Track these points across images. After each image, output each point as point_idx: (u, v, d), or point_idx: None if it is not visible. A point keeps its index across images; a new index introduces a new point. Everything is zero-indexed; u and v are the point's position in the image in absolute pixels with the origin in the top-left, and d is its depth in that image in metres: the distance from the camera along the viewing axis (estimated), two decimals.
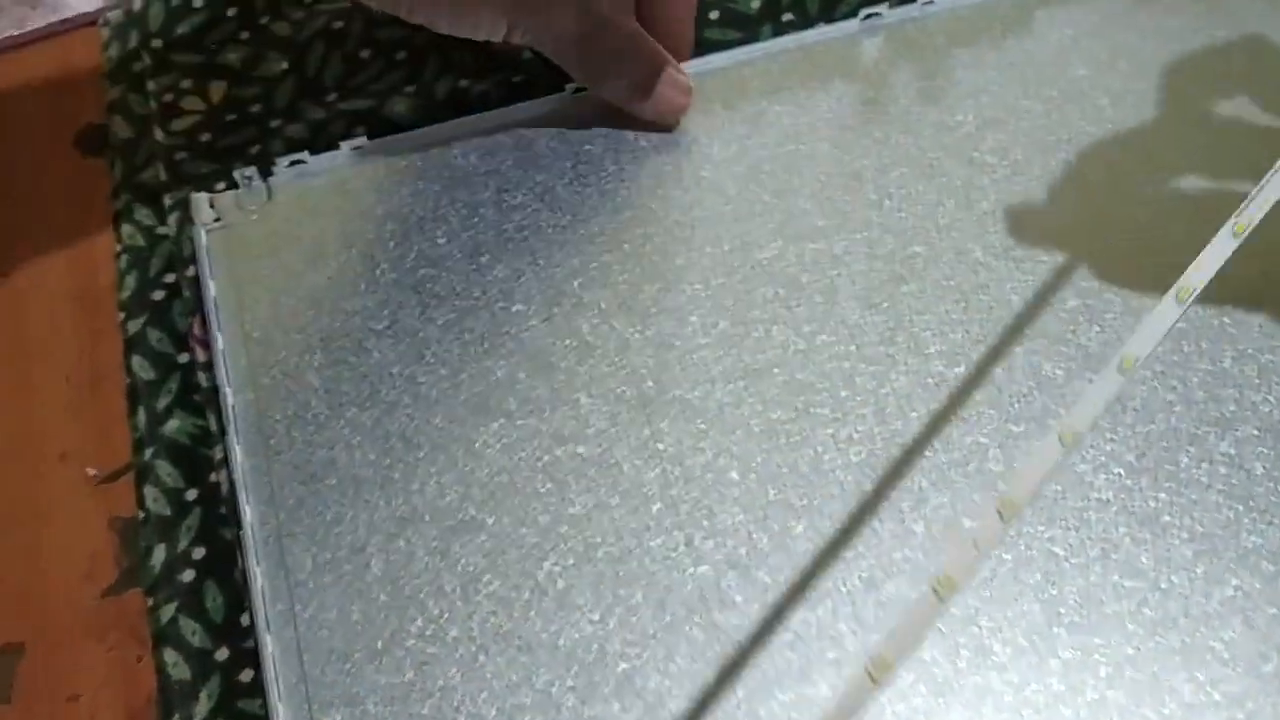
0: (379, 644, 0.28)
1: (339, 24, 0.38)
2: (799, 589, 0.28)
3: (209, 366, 0.32)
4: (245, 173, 0.35)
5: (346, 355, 0.32)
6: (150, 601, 0.29)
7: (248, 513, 0.30)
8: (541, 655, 0.28)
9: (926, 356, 0.31)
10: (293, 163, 0.35)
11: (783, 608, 0.28)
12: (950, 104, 0.34)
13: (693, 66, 0.35)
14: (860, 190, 0.33)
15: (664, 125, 0.34)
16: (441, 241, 0.34)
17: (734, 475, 0.30)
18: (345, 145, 0.35)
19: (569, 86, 0.35)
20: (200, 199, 0.35)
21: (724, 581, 0.28)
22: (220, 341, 0.32)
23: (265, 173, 0.35)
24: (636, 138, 0.35)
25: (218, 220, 0.34)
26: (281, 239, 0.34)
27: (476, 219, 0.34)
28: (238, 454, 0.31)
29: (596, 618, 0.28)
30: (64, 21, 0.38)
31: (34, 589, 0.30)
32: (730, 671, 0.27)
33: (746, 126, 0.35)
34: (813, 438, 0.30)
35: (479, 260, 0.33)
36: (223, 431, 0.31)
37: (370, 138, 0.35)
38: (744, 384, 0.31)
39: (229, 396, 0.31)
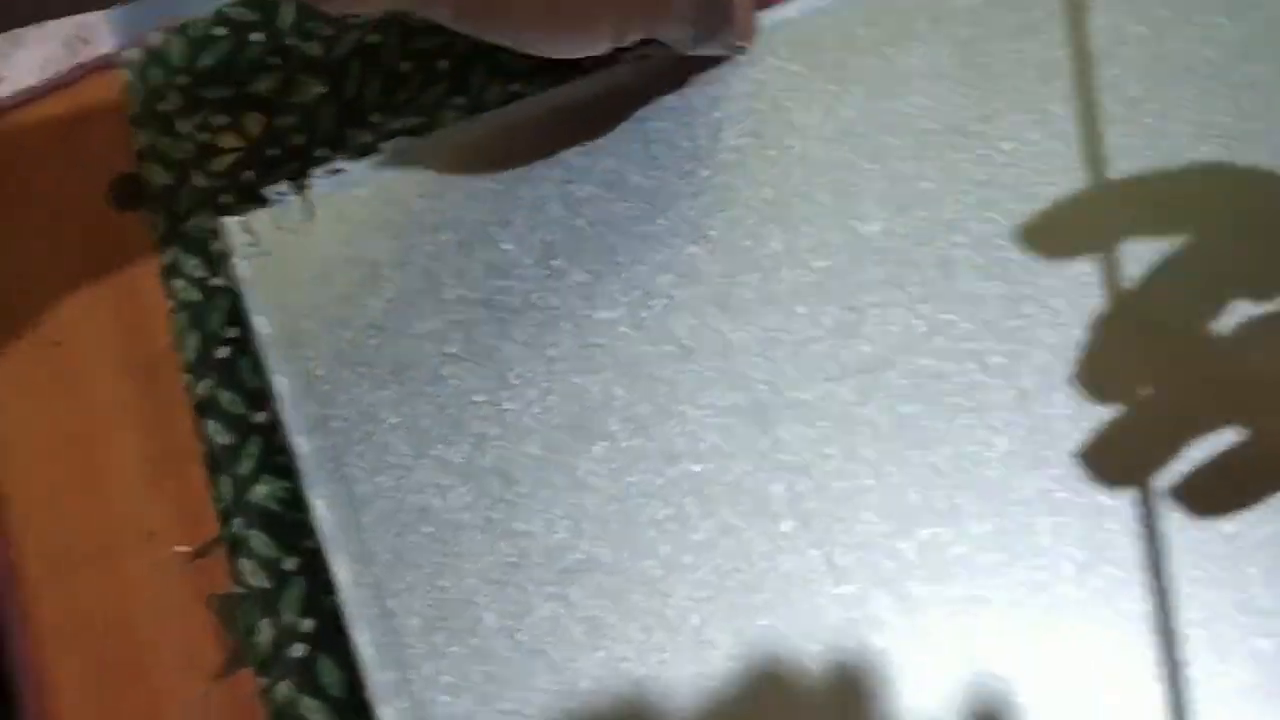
0: (506, 704, 0.26)
1: (374, 38, 0.34)
2: (955, 600, 0.26)
3: None
4: (279, 189, 0.31)
5: (422, 386, 0.29)
6: (263, 683, 0.27)
7: (341, 573, 0.27)
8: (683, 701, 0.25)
9: (1063, 326, 0.28)
10: (331, 171, 0.32)
11: (939, 622, 0.26)
12: (1054, 37, 0.31)
13: (761, 21, 0.32)
14: (966, 145, 0.30)
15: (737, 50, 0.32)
16: (508, 247, 0.30)
17: (868, 481, 0.27)
18: (387, 147, 0.32)
19: (628, 55, 0.32)
20: (232, 223, 0.31)
21: (872, 601, 0.26)
22: (282, 385, 0.29)
23: (300, 186, 0.31)
24: (709, 108, 0.31)
25: (254, 246, 0.31)
26: (331, 261, 0.31)
27: (543, 217, 0.31)
28: (321, 510, 0.28)
29: (737, 653, 0.26)
30: (78, 66, 0.34)
31: (136, 684, 0.28)
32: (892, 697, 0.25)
33: (831, 84, 0.31)
34: (949, 431, 0.27)
35: (552, 264, 0.30)
36: (302, 487, 0.28)
37: None
38: (866, 378, 0.28)
39: (302, 446, 0.29)
